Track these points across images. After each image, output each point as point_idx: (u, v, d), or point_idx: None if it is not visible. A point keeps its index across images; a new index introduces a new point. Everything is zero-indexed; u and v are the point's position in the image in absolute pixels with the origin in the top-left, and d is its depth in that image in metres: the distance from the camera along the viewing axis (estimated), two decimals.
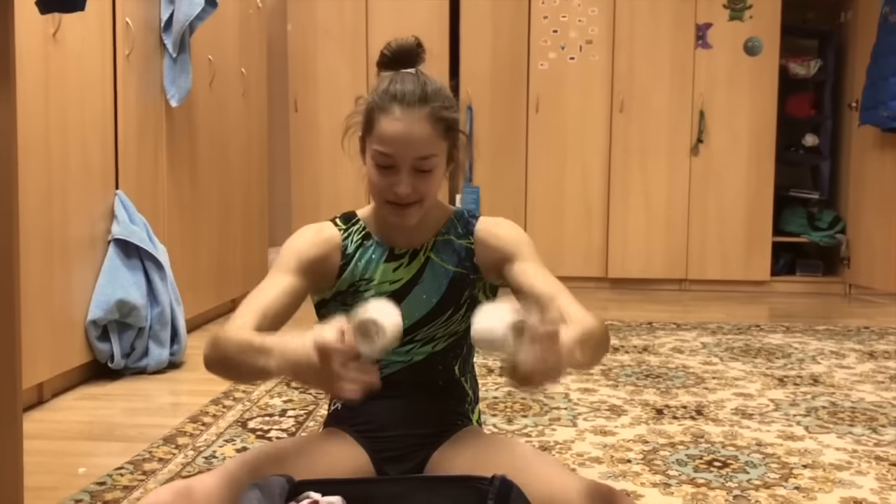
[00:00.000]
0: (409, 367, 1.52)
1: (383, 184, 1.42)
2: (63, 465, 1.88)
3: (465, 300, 1.52)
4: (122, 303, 2.58)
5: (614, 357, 2.97)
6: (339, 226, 1.55)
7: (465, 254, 1.53)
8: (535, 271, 1.47)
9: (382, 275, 1.51)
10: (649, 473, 1.81)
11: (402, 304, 1.49)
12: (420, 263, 1.52)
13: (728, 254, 4.65)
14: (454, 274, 1.52)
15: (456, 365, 1.57)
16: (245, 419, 2.20)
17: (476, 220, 1.57)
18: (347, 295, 1.52)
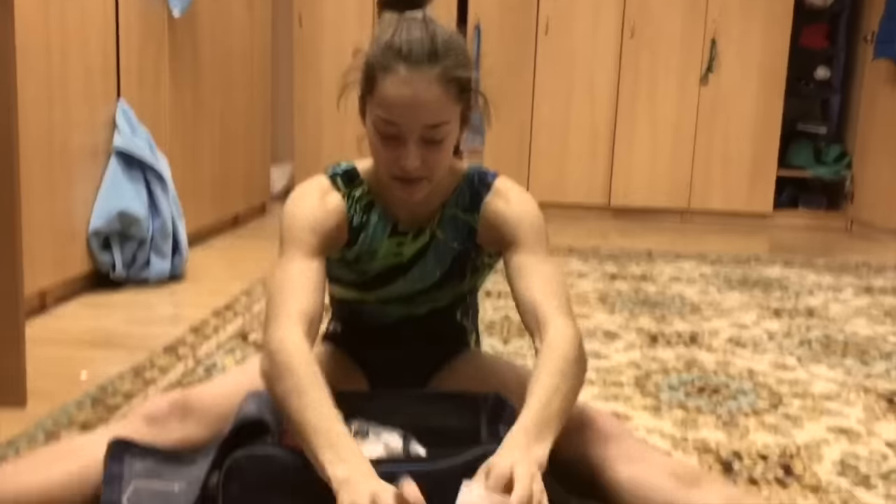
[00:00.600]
0: (409, 318, 1.51)
1: (388, 156, 1.26)
2: (65, 371, 1.92)
3: (466, 272, 1.49)
4: (124, 214, 2.58)
5: (612, 284, 2.99)
6: (341, 189, 1.39)
7: (467, 232, 1.42)
8: (530, 267, 1.32)
9: (386, 249, 1.43)
10: (641, 397, 1.85)
11: (402, 278, 1.47)
12: (425, 241, 1.43)
13: (731, 185, 4.63)
14: (458, 252, 1.45)
15: (458, 310, 1.56)
16: (246, 332, 2.23)
17: (487, 189, 1.41)
18: (350, 262, 1.45)
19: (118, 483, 1.21)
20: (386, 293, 1.47)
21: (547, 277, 1.32)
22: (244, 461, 1.16)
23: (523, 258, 1.34)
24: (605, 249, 3.68)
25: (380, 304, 1.49)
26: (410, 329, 1.52)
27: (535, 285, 1.31)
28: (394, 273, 1.45)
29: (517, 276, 1.33)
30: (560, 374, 1.19)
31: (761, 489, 1.41)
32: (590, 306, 2.66)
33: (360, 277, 1.46)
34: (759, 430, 1.67)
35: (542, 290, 1.30)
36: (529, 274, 1.32)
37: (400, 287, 1.46)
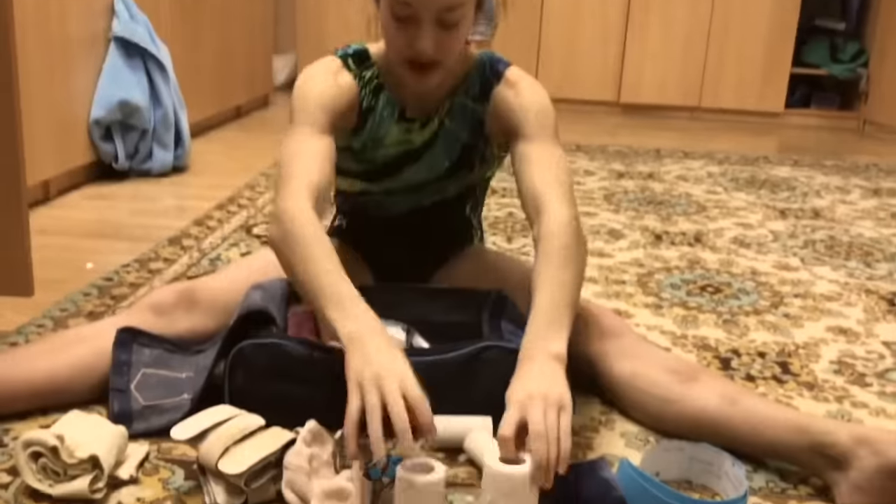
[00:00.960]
0: (416, 209, 1.49)
1: (401, 39, 1.24)
2: (71, 260, 1.93)
3: (474, 165, 1.46)
4: (125, 103, 2.55)
5: (618, 182, 2.97)
6: (353, 69, 1.37)
7: (476, 122, 1.41)
8: (535, 156, 1.31)
9: (394, 136, 1.41)
10: (642, 295, 1.86)
11: (410, 168, 1.44)
12: (433, 130, 1.41)
13: (744, 83, 4.54)
14: (467, 143, 1.43)
15: (467, 206, 1.54)
16: (250, 225, 2.23)
17: (498, 78, 1.40)
18: (358, 152, 1.43)
19: (126, 370, 1.24)
20: (393, 183, 1.46)
21: (550, 165, 1.31)
22: (249, 350, 1.18)
23: (529, 147, 1.33)
24: (612, 147, 3.64)
25: (386, 195, 1.48)
26: (416, 222, 1.51)
27: (538, 173, 1.29)
28: (402, 162, 1.43)
29: (521, 165, 1.32)
30: (563, 265, 1.19)
31: (758, 386, 1.44)
32: (595, 205, 2.65)
33: (367, 167, 1.44)
34: (759, 329, 1.69)
35: (543, 179, 1.29)
36: (533, 162, 1.31)
37: (408, 177, 1.45)
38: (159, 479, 1.08)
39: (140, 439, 1.16)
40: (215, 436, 1.03)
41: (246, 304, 1.26)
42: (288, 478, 1.02)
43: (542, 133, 1.34)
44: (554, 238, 1.21)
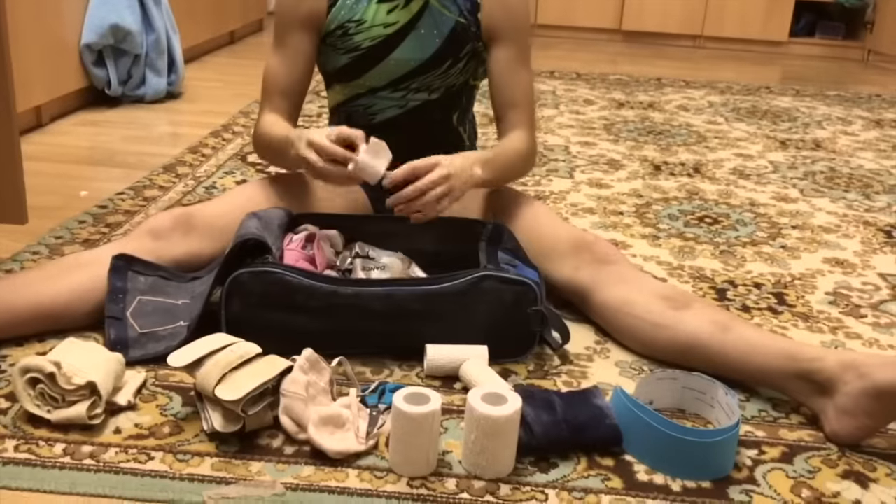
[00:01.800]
0: (404, 112, 1.49)
1: None
2: (64, 187, 1.91)
3: (466, 52, 1.45)
4: (116, 27, 2.49)
5: (618, 112, 2.93)
6: None
7: (469, 5, 1.44)
8: (514, 67, 1.46)
9: (375, 16, 1.43)
10: (640, 226, 1.85)
11: (395, 50, 1.43)
12: (419, 6, 1.43)
13: (748, 11, 4.45)
14: (456, 23, 1.43)
15: (454, 114, 1.53)
16: (245, 153, 2.21)
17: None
18: (336, 38, 1.45)
19: (121, 298, 1.24)
20: (378, 74, 1.45)
21: (523, 85, 1.47)
22: (246, 278, 1.17)
23: (507, 53, 1.45)
24: (613, 76, 3.59)
25: (372, 94, 1.48)
26: (405, 126, 1.51)
27: (512, 87, 1.46)
28: (386, 44, 1.44)
29: (500, 71, 1.46)
30: (513, 154, 1.42)
31: (753, 317, 1.44)
32: (594, 134, 2.62)
33: (353, 57, 1.45)
34: (756, 260, 1.69)
35: (515, 95, 1.46)
36: (511, 77, 1.46)
37: (394, 63, 1.44)
38: (156, 406, 1.09)
39: (137, 366, 1.17)
40: (212, 363, 1.03)
41: (242, 232, 1.25)
42: (285, 404, 1.02)
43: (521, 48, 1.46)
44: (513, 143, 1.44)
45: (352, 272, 1.32)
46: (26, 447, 1.00)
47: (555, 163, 2.29)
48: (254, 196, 1.43)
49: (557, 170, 2.23)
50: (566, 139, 2.53)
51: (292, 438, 1.03)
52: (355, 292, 1.18)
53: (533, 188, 2.06)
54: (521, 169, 1.47)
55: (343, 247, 1.39)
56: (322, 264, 1.31)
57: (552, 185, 2.10)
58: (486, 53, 1.48)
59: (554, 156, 2.35)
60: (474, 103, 1.59)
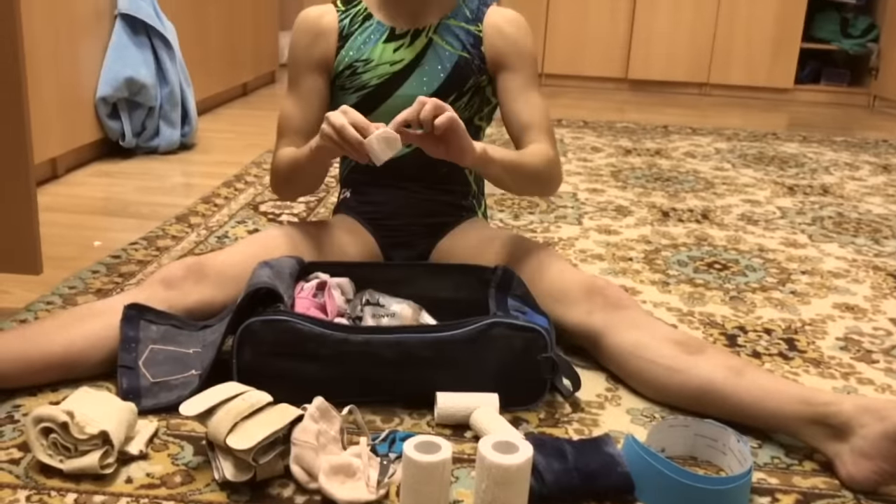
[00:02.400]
0: (411, 151, 1.52)
1: None
2: (79, 237, 1.93)
3: (469, 88, 1.50)
4: (131, 80, 2.54)
5: (625, 159, 2.95)
6: (339, 7, 1.54)
7: (472, 40, 1.50)
8: (524, 91, 1.48)
9: (381, 55, 1.49)
10: (649, 272, 1.86)
11: (402, 86, 1.48)
12: (423, 44, 1.49)
13: (753, 58, 4.50)
14: (459, 58, 1.49)
15: None
16: (257, 202, 2.24)
17: (487, 7, 1.53)
18: (345, 78, 1.50)
19: (134, 347, 1.25)
20: (387, 111, 1.49)
21: (537, 107, 1.48)
22: (257, 327, 1.18)
23: (516, 80, 1.48)
24: (620, 123, 3.62)
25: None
26: (414, 172, 1.54)
27: (527, 110, 1.47)
28: (394, 81, 1.49)
29: (511, 98, 1.48)
30: (525, 151, 1.40)
31: (764, 363, 1.44)
32: (602, 181, 2.64)
33: (362, 96, 1.50)
34: (766, 306, 1.69)
35: (531, 116, 1.46)
36: (523, 95, 1.48)
37: (401, 99, 1.49)
38: (168, 455, 1.09)
39: (149, 415, 1.17)
40: (224, 412, 1.04)
41: (254, 281, 1.26)
42: (295, 453, 1.03)
43: (530, 73, 1.49)
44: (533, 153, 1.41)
45: (362, 320, 1.33)
46: (38, 497, 1.00)
47: (563, 209, 2.30)
48: (265, 245, 1.45)
49: (566, 216, 2.24)
50: (574, 186, 2.55)
51: (303, 488, 1.02)
52: (365, 340, 1.18)
53: (542, 235, 2.07)
54: (537, 173, 1.41)
55: (354, 294, 1.41)
56: (333, 312, 1.31)
57: (561, 231, 2.11)
58: (489, 88, 1.53)
59: (562, 202, 2.37)
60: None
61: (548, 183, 1.45)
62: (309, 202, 2.27)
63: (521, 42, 1.50)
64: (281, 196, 1.54)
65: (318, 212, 2.19)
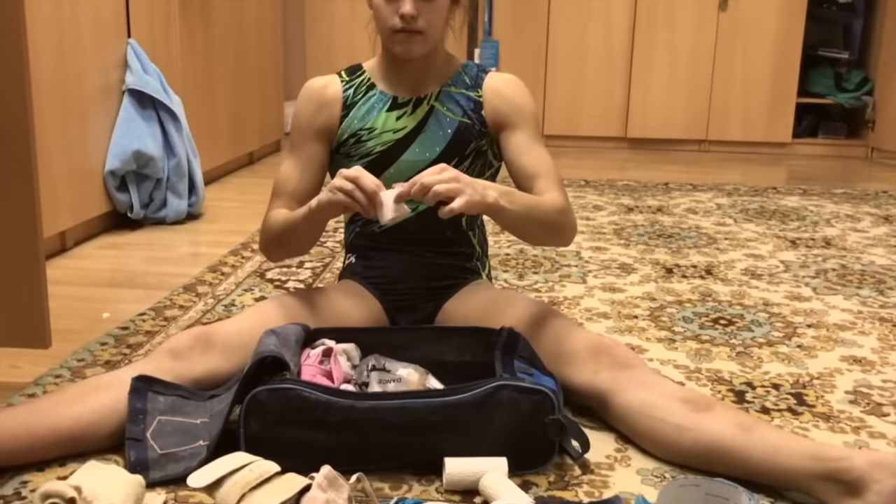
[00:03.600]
0: (416, 216, 1.54)
1: (388, 10, 1.44)
2: (87, 310, 1.95)
3: (470, 151, 1.53)
4: (139, 153, 2.59)
5: (628, 217, 2.98)
6: (344, 78, 1.59)
7: (473, 105, 1.54)
8: (528, 145, 1.50)
9: (384, 123, 1.53)
10: (655, 329, 1.86)
11: (405, 152, 1.51)
12: (424, 112, 1.53)
13: (750, 114, 4.56)
14: (460, 124, 1.53)
15: (463, 217, 1.59)
16: (263, 270, 2.26)
17: (486, 73, 1.58)
18: (350, 146, 1.54)
19: (141, 419, 1.25)
20: (391, 177, 1.52)
21: (543, 158, 1.50)
22: (264, 396, 1.19)
23: (520, 136, 1.51)
24: (621, 181, 3.66)
25: None
26: (418, 236, 1.57)
27: (533, 162, 1.49)
28: (397, 148, 1.53)
29: (516, 152, 1.50)
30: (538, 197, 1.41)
31: (773, 418, 1.43)
32: (605, 239, 2.66)
33: (365, 161, 1.54)
34: (773, 361, 1.69)
35: (538, 167, 1.48)
36: (527, 150, 1.50)
37: (405, 165, 1.52)
38: None
39: (157, 488, 1.17)
40: (231, 482, 1.03)
41: (260, 350, 1.27)
42: None
43: (533, 131, 1.52)
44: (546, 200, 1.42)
45: (368, 385, 1.33)
46: None
47: (567, 268, 2.32)
48: (271, 312, 1.46)
49: (570, 275, 2.25)
50: (577, 245, 2.57)
51: None
52: (372, 406, 1.19)
53: (546, 294, 2.08)
54: (551, 219, 1.41)
55: (360, 360, 1.41)
56: (339, 379, 1.32)
57: (565, 290, 2.12)
58: (491, 151, 1.56)
59: (566, 261, 2.38)
60: None
61: (562, 231, 1.44)
62: (315, 268, 2.29)
63: (521, 100, 1.54)
64: (270, 256, 1.56)
65: (324, 277, 2.21)
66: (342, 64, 1.74)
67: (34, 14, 2.17)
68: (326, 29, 4.69)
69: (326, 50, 4.69)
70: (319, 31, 4.69)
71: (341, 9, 4.58)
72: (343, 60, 4.58)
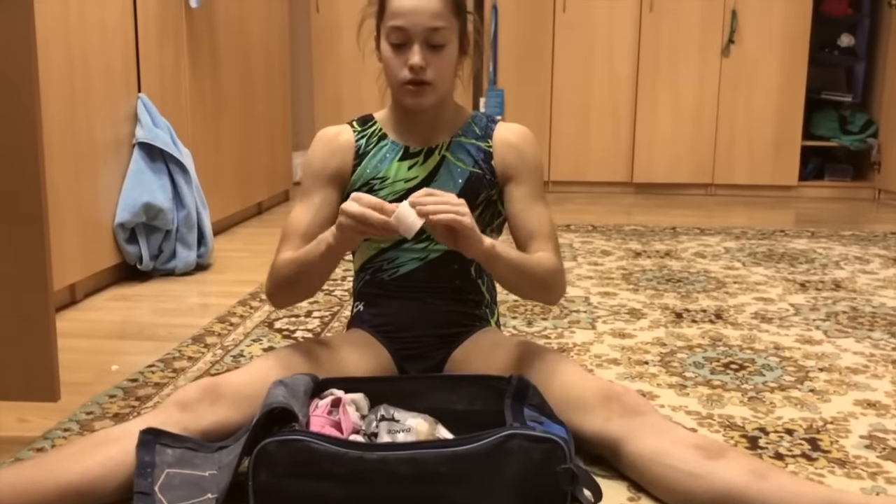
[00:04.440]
0: (425, 264, 1.55)
1: (398, 63, 1.46)
2: (96, 363, 1.95)
3: (481, 201, 1.54)
4: (149, 206, 2.61)
5: (636, 262, 2.98)
6: (356, 128, 1.60)
7: (483, 156, 1.56)
8: (531, 202, 1.53)
9: (396, 173, 1.55)
10: (666, 375, 1.85)
11: None
12: (435, 162, 1.55)
13: (756, 158, 4.59)
14: (470, 174, 1.54)
15: (472, 265, 1.59)
16: (272, 320, 2.26)
17: (495, 124, 1.60)
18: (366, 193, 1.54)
19: (149, 472, 1.24)
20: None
21: (543, 217, 1.52)
22: (273, 448, 1.18)
23: (523, 191, 1.53)
24: (628, 226, 3.67)
25: (396, 247, 1.57)
26: (426, 284, 1.57)
27: (533, 219, 1.51)
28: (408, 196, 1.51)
29: (518, 208, 1.53)
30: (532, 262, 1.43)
31: (787, 464, 1.41)
32: (614, 284, 2.65)
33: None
34: (786, 406, 1.67)
35: (538, 225, 1.51)
36: (530, 212, 1.52)
37: None
38: None
39: None
40: None
41: (268, 401, 1.26)
42: None
43: (535, 186, 1.54)
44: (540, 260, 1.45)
45: (378, 436, 1.32)
46: None
47: (576, 314, 2.31)
48: (280, 362, 1.46)
49: (579, 321, 2.25)
50: (586, 290, 2.57)
51: None
52: (381, 457, 1.18)
53: (556, 341, 2.07)
54: (543, 277, 1.45)
55: (369, 409, 1.40)
56: (348, 429, 1.31)
57: (575, 336, 2.11)
58: (500, 201, 1.58)
59: (575, 307, 2.38)
60: None
61: (552, 289, 1.48)
62: (323, 317, 2.29)
63: (529, 155, 1.56)
64: (277, 302, 1.54)
65: (332, 326, 2.21)
66: (350, 114, 1.77)
67: (46, 68, 2.22)
68: (334, 80, 4.75)
69: (334, 100, 4.75)
70: (327, 82, 4.76)
71: (349, 60, 4.65)
72: (351, 111, 4.64)
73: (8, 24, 1.42)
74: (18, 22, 1.43)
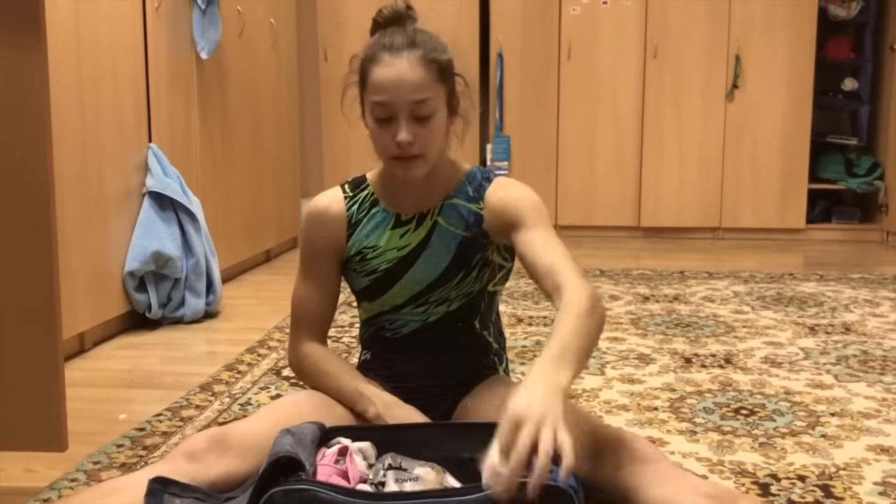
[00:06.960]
0: (426, 325, 1.54)
1: (385, 137, 1.42)
2: (104, 412, 1.95)
3: (476, 263, 1.52)
4: (158, 254, 2.63)
5: (644, 306, 2.97)
6: (347, 193, 1.57)
7: (473, 219, 1.52)
8: (539, 239, 1.43)
9: (388, 241, 1.53)
10: (676, 421, 1.83)
11: (410, 270, 1.51)
12: (427, 228, 1.52)
13: (763, 201, 4.60)
14: (463, 238, 1.52)
15: (476, 320, 1.58)
16: (279, 367, 2.26)
17: (489, 182, 1.54)
18: (356, 263, 1.55)
19: None
20: (398, 293, 1.52)
21: (557, 248, 1.40)
22: (279, 497, 1.17)
23: (532, 234, 1.43)
24: (636, 271, 3.67)
25: (395, 311, 1.55)
26: (430, 339, 1.56)
27: (548, 253, 1.39)
28: (402, 266, 1.51)
29: (529, 249, 1.42)
30: (578, 318, 1.24)
31: None
32: (622, 329, 2.64)
33: (372, 280, 1.53)
34: (797, 451, 1.65)
35: (555, 256, 1.37)
36: (541, 246, 1.41)
37: (410, 282, 1.51)
38: None
39: None
40: None
41: (275, 450, 1.26)
42: None
43: (540, 223, 1.44)
44: (575, 304, 1.26)
45: (385, 485, 1.31)
46: None
47: None
48: (287, 411, 1.45)
49: (588, 367, 2.24)
50: None
51: None
52: None
53: None
54: (597, 327, 1.28)
55: (376, 458, 1.39)
56: (355, 478, 1.30)
57: (583, 382, 2.10)
58: (498, 255, 1.54)
59: None
60: (498, 306, 1.63)
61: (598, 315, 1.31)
62: None
63: (521, 200, 1.47)
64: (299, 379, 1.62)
65: None
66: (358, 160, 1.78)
67: (59, 118, 2.25)
68: (343, 127, 4.80)
69: (343, 146, 4.80)
70: (336, 129, 4.81)
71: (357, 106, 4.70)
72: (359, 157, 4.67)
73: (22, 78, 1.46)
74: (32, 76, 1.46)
